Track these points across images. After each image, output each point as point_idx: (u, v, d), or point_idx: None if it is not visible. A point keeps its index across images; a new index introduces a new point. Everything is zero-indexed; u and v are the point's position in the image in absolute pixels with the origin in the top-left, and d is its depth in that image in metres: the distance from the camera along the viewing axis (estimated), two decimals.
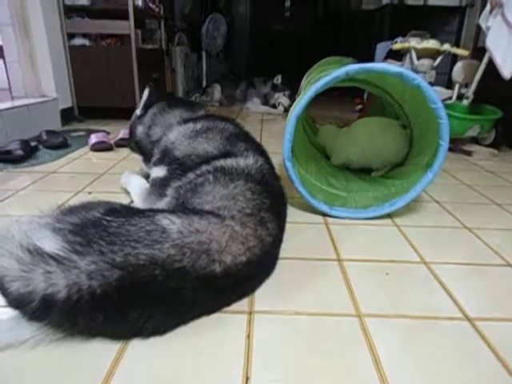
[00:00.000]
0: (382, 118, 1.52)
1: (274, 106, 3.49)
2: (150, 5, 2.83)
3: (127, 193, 1.30)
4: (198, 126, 1.08)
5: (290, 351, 0.67)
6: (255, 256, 0.75)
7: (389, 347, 0.68)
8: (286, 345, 0.68)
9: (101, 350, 0.64)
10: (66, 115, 2.51)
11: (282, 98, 3.47)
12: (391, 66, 1.03)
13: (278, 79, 3.49)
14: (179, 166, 1.00)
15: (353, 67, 1.03)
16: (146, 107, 1.25)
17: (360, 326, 0.73)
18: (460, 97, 2.16)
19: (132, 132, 1.29)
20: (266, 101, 3.52)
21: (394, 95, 1.41)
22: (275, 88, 3.48)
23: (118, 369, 0.61)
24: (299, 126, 1.38)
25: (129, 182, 1.30)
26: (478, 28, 2.70)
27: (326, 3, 5.95)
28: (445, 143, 1.08)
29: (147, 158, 1.21)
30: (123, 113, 2.63)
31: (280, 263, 0.93)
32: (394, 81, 1.16)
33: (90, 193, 1.36)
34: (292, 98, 3.39)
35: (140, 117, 1.26)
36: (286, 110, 3.34)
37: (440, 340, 0.71)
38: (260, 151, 1.02)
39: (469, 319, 0.76)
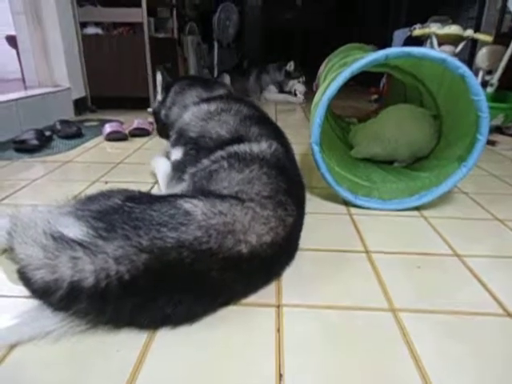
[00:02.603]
0: (412, 106, 1.45)
1: (291, 93, 3.40)
2: None
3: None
4: (212, 107, 1.07)
5: (323, 347, 0.63)
6: (279, 236, 0.73)
7: (428, 344, 0.64)
8: (319, 340, 0.65)
9: (127, 342, 0.62)
10: (79, 105, 2.49)
11: (297, 85, 3.38)
12: (434, 52, 0.98)
13: (290, 66, 3.40)
14: (194, 145, 1.01)
15: (394, 50, 0.98)
16: (166, 89, 1.24)
17: (395, 321, 0.69)
18: (484, 84, 2.08)
19: (156, 118, 1.29)
20: (280, 88, 3.44)
21: (428, 84, 1.34)
22: (289, 75, 3.39)
23: (146, 360, 0.59)
24: None
25: (156, 166, 1.30)
26: (502, 13, 2.60)
27: None
28: (483, 138, 1.03)
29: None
30: (136, 102, 2.62)
31: (305, 254, 0.89)
32: (432, 69, 1.10)
33: (106, 182, 1.33)
34: (307, 85, 3.33)
35: (162, 101, 1.25)
36: None
37: (481, 336, 0.67)
38: (275, 134, 0.99)
39: (510, 315, 0.72)
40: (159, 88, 1.25)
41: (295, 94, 3.39)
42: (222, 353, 0.61)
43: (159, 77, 1.25)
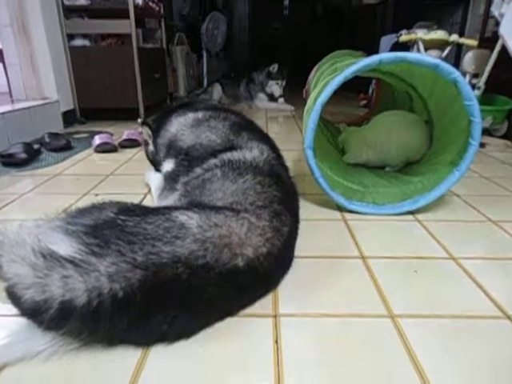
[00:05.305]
0: (404, 112, 1.46)
1: (272, 96, 3.44)
2: (150, 3, 2.78)
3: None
4: (200, 114, 1.05)
5: (322, 356, 0.62)
6: (275, 247, 0.72)
7: (428, 350, 0.63)
8: (318, 350, 0.63)
9: (121, 359, 0.60)
10: (68, 117, 2.46)
11: (274, 87, 3.42)
12: (427, 57, 0.99)
13: (274, 68, 3.44)
14: (185, 156, 0.98)
15: (387, 55, 0.98)
16: (155, 137, 1.21)
17: (394, 327, 0.68)
18: (471, 87, 2.10)
19: (155, 166, 1.27)
20: (262, 89, 3.46)
21: (420, 90, 1.35)
22: (269, 75, 3.43)
23: (142, 376, 0.57)
24: None
25: (149, 178, 1.29)
26: (485, 18, 2.65)
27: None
28: (476, 143, 1.03)
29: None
30: (126, 113, 2.60)
31: (300, 262, 0.88)
32: (424, 74, 1.10)
33: (96, 195, 1.31)
34: (294, 92, 3.35)
35: (156, 150, 1.20)
36: None
37: (482, 341, 0.66)
38: (264, 140, 0.99)
39: (509, 317, 0.72)
40: (150, 141, 1.22)
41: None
42: (219, 367, 0.60)
43: (146, 130, 1.22)
